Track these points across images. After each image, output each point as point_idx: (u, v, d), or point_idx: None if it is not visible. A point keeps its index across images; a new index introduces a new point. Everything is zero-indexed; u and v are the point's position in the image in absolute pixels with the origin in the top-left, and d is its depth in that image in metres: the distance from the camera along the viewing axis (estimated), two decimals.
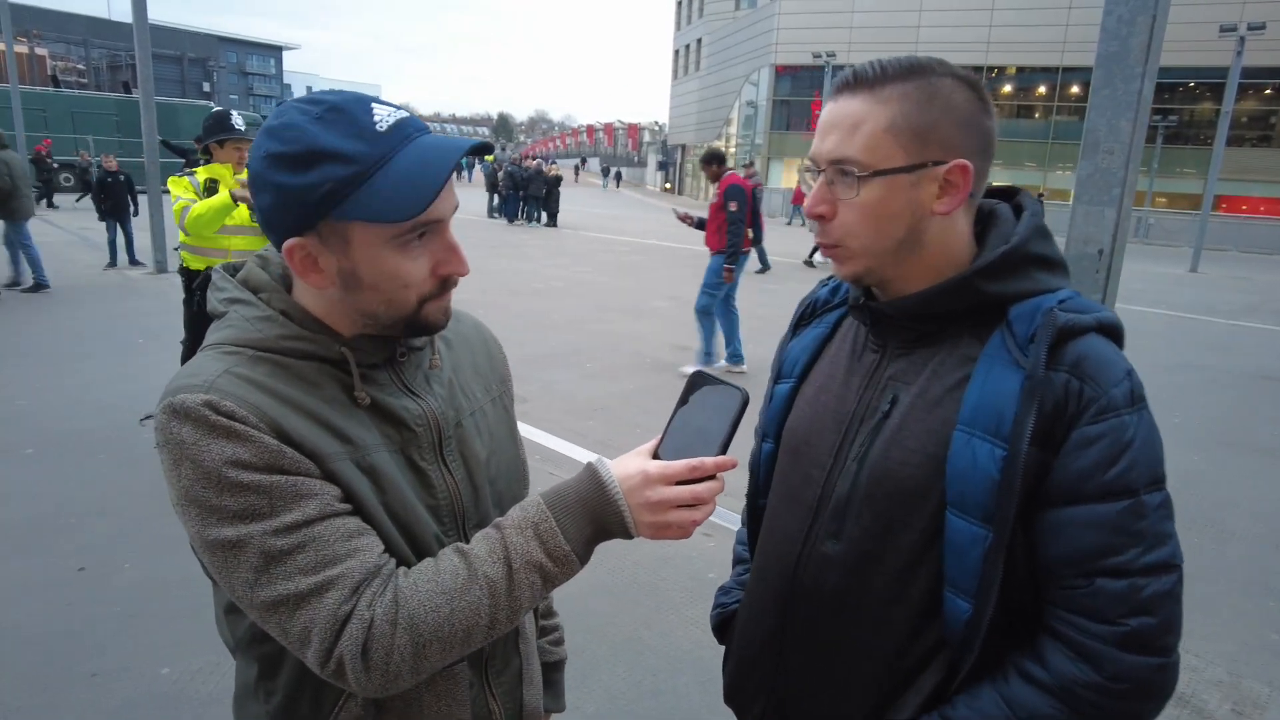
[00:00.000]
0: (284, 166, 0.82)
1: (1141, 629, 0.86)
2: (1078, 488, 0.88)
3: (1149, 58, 2.68)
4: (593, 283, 12.33)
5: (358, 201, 0.82)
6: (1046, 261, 0.98)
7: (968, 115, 0.94)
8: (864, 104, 0.93)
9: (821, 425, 1.08)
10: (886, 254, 0.97)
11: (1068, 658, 0.89)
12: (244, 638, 0.96)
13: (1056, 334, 0.89)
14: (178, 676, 2.73)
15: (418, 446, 0.95)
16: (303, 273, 0.88)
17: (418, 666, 0.83)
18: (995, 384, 0.91)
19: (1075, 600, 0.89)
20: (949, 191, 0.95)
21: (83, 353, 6.81)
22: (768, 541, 1.16)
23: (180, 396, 0.81)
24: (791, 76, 37.01)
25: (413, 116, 0.88)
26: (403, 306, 0.89)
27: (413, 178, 0.82)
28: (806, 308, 1.24)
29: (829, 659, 1.05)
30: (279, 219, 0.86)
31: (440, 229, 0.89)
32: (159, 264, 11.18)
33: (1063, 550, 0.89)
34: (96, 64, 52.28)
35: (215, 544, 0.81)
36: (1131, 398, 0.89)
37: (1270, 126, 30.72)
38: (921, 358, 1.01)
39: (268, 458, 0.81)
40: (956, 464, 0.92)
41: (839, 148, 0.94)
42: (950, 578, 0.93)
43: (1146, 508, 0.87)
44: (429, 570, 0.86)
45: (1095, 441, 0.87)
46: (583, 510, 0.89)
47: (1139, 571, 0.86)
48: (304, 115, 0.84)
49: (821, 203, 0.97)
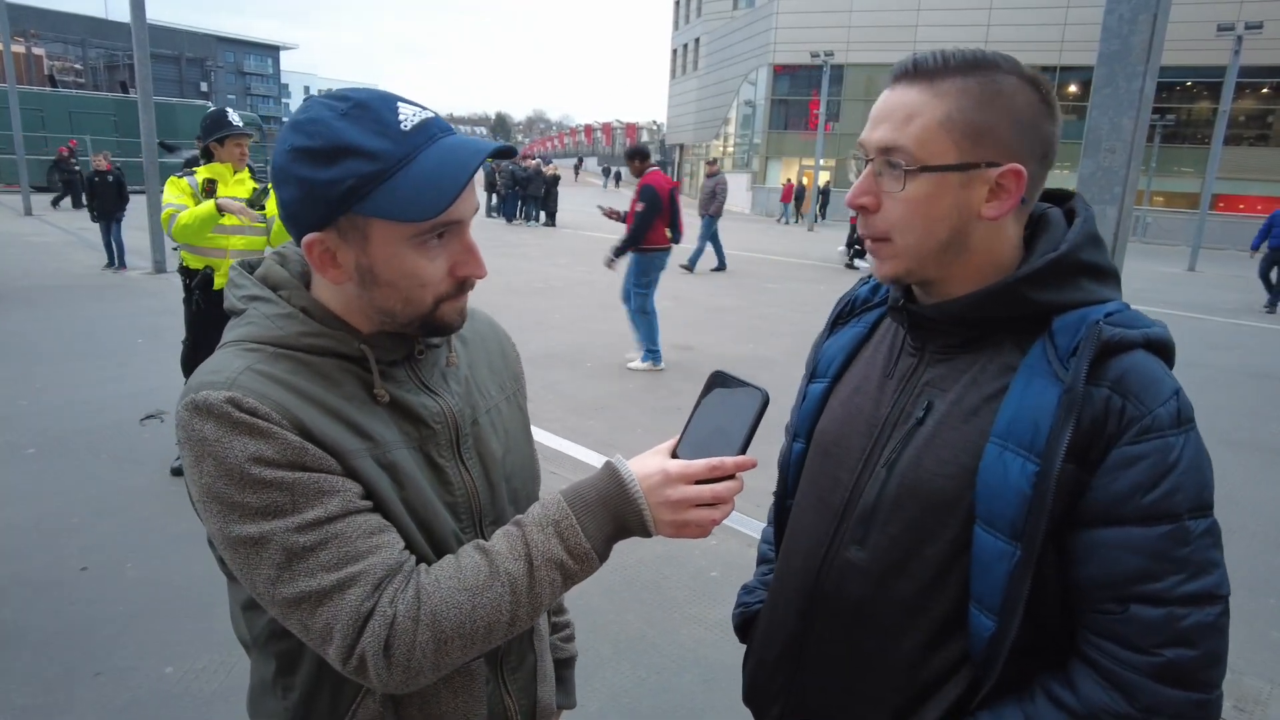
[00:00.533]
0: (308, 160, 0.83)
1: (1179, 661, 0.82)
2: (1116, 509, 0.84)
3: (1150, 56, 2.68)
4: (593, 282, 12.32)
5: (379, 199, 0.82)
6: (1097, 271, 0.93)
7: (1029, 118, 0.90)
8: (921, 95, 0.90)
9: (853, 428, 1.05)
10: (929, 255, 0.93)
11: (1100, 685, 0.85)
12: (262, 634, 0.96)
13: (1100, 348, 0.85)
14: (181, 675, 2.74)
15: (436, 444, 0.96)
16: (321, 268, 0.88)
17: (439, 663, 0.84)
18: (1033, 397, 0.87)
19: (1108, 626, 0.85)
20: (999, 196, 0.91)
21: (83, 353, 6.80)
22: (792, 543, 1.14)
23: (203, 393, 0.81)
24: (790, 76, 37.02)
25: (437, 117, 0.88)
26: (419, 305, 0.90)
27: (434, 178, 0.82)
28: (845, 305, 1.21)
29: (849, 666, 1.03)
30: (301, 213, 0.86)
31: (459, 230, 0.89)
32: (158, 264, 11.17)
33: (1097, 573, 0.85)
34: (94, 64, 52.14)
35: (237, 540, 0.81)
36: (1178, 418, 0.85)
37: (1268, 125, 30.77)
38: (961, 364, 0.97)
39: (290, 454, 0.81)
40: (987, 478, 0.88)
41: (889, 137, 0.90)
42: (976, 593, 0.90)
43: (1190, 534, 0.83)
44: (451, 567, 0.86)
45: (1136, 462, 0.83)
46: (603, 508, 0.89)
47: (1178, 600, 0.82)
48: (330, 111, 0.84)
49: (866, 193, 0.94)
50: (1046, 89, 0.91)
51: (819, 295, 11.82)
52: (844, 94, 35.38)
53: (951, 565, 0.93)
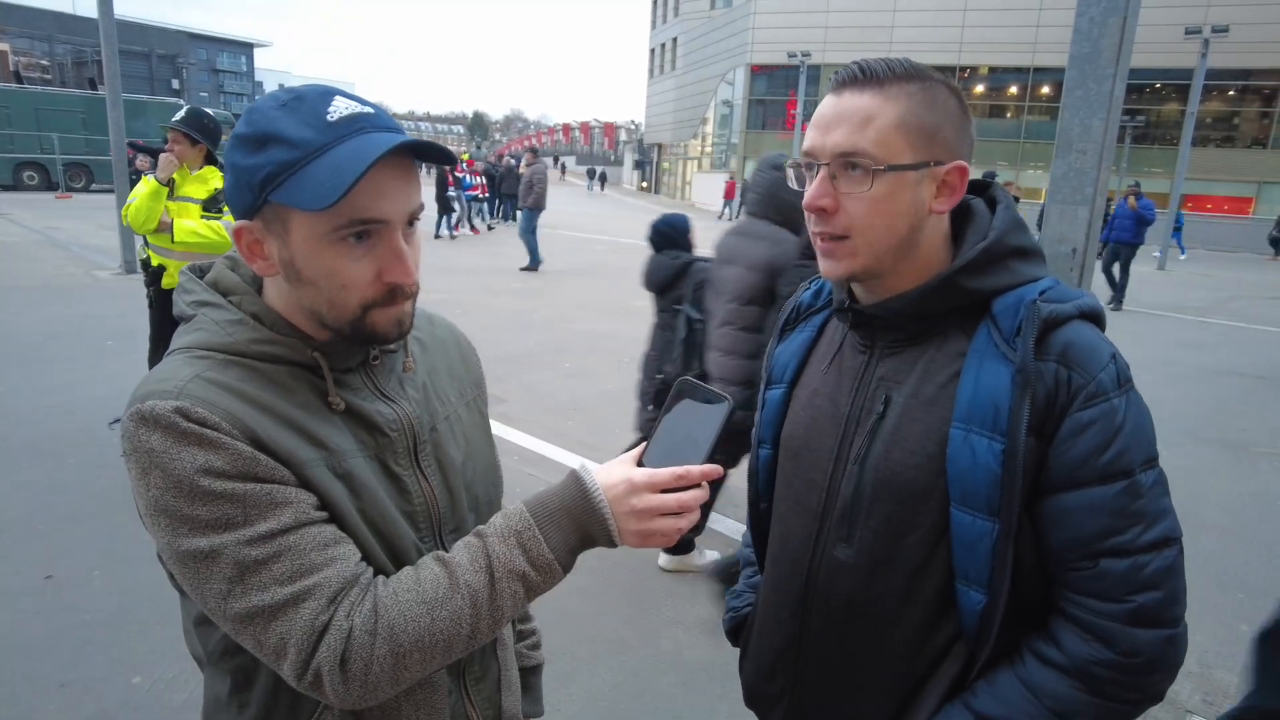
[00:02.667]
0: (240, 147, 0.83)
1: (1148, 604, 0.89)
2: (1075, 473, 0.90)
3: (1120, 59, 2.72)
4: (570, 281, 12.29)
5: (290, 186, 0.80)
6: (1024, 252, 0.99)
7: (960, 121, 0.97)
8: (873, 99, 0.94)
9: (819, 429, 1.09)
10: (888, 251, 0.98)
11: (1081, 638, 0.91)
12: (215, 650, 0.93)
13: (1042, 325, 0.91)
14: (150, 685, 2.68)
15: (393, 452, 0.94)
16: (249, 257, 0.88)
17: (397, 677, 0.82)
18: (988, 378, 0.92)
19: (1082, 582, 0.91)
20: (945, 192, 0.97)
21: (50, 354, 6.66)
22: (778, 548, 1.16)
23: (149, 403, 0.79)
24: (767, 76, 37.17)
25: (379, 113, 0.86)
26: (343, 309, 0.86)
27: (340, 168, 0.79)
28: (791, 312, 1.24)
29: (847, 663, 1.06)
30: (232, 199, 0.86)
31: (385, 232, 0.85)
32: (128, 264, 10.98)
33: (1067, 535, 0.91)
34: (61, 60, 51.21)
35: (187, 555, 0.79)
36: (1118, 380, 0.91)
37: (1234, 128, 31.35)
38: (910, 356, 1.01)
39: (241, 465, 0.79)
40: (957, 461, 0.93)
41: (849, 140, 0.94)
42: (961, 571, 0.95)
43: (1142, 487, 0.90)
44: (409, 579, 0.84)
45: (1088, 427, 0.89)
46: (566, 518, 0.87)
47: (1141, 549, 0.89)
48: (272, 101, 0.84)
49: (824, 195, 0.97)
50: (962, 96, 0.99)
51: None
52: (821, 94, 35.38)
53: (933, 550, 0.97)
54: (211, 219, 4.26)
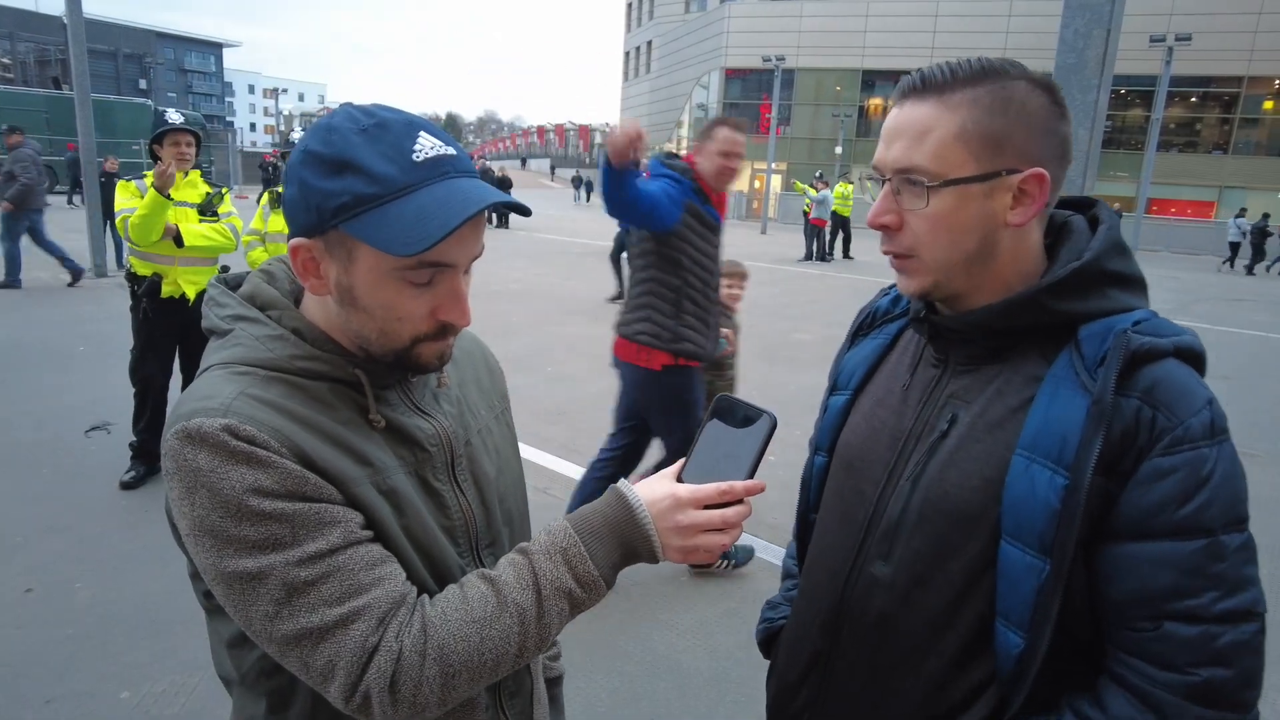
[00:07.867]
0: (314, 166, 0.81)
1: (1215, 681, 0.79)
2: (1147, 523, 0.82)
3: (1104, 70, 2.78)
4: (550, 285, 12.26)
5: (367, 223, 0.80)
6: (1123, 279, 0.92)
7: (1044, 121, 0.89)
8: (932, 110, 0.89)
9: (876, 441, 1.04)
10: (956, 267, 0.92)
11: (1132, 705, 0.83)
12: (251, 671, 0.92)
13: (1129, 357, 0.83)
14: (139, 700, 2.63)
15: (432, 467, 0.93)
16: (303, 274, 0.87)
17: (445, 698, 0.82)
18: (1060, 408, 0.86)
19: (1141, 644, 0.83)
20: (1023, 201, 0.90)
21: (20, 361, 6.50)
22: (816, 559, 1.13)
23: (196, 420, 0.78)
24: (741, 79, 37.41)
25: (460, 156, 0.85)
26: (395, 339, 0.87)
27: (426, 216, 0.79)
28: (866, 317, 1.19)
29: (874, 685, 1.02)
30: (295, 214, 0.84)
31: (450, 274, 0.86)
32: (98, 268, 10.75)
33: (1129, 589, 0.83)
34: (23, 59, 50.04)
35: (233, 576, 0.78)
36: (1211, 429, 0.82)
37: (1196, 133, 32.15)
38: (985, 376, 0.96)
39: (291, 484, 0.78)
40: (1014, 491, 0.87)
41: (905, 156, 0.90)
42: (1003, 609, 0.88)
43: (1225, 549, 0.80)
44: (456, 598, 0.84)
45: (1168, 475, 0.81)
46: (611, 535, 0.88)
47: (1214, 618, 0.80)
48: (352, 123, 0.82)
49: (886, 212, 0.93)
50: (1057, 91, 0.91)
51: (772, 298, 11.95)
52: (795, 98, 35.89)
53: (976, 581, 0.91)
54: (207, 223, 4.24)
